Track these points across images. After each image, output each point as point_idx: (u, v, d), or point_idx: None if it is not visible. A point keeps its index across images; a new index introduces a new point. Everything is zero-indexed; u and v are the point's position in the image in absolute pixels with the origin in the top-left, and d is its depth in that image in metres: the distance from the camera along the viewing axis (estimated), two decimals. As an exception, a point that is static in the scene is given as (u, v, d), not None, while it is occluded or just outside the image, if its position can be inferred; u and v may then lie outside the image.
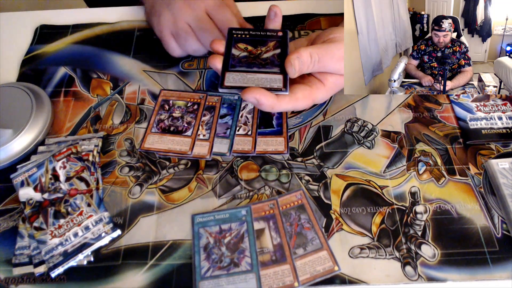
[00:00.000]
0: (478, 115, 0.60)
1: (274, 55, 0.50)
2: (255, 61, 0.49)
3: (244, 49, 0.50)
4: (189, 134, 0.58)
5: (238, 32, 0.52)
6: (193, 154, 0.56)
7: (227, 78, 0.47)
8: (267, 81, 0.47)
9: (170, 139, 0.58)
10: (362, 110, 0.61)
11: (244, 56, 0.49)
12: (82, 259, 0.49)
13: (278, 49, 0.51)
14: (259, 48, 0.50)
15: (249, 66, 0.48)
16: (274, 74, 0.48)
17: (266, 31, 0.52)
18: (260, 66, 0.48)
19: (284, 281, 0.46)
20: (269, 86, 0.47)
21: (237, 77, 0.47)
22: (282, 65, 0.49)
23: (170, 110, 0.61)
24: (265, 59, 0.49)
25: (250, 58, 0.49)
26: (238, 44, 0.51)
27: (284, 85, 0.47)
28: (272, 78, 0.47)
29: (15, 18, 0.75)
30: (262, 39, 0.51)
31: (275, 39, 0.51)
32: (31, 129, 0.57)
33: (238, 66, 0.48)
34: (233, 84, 0.47)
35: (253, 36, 0.51)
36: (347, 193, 0.53)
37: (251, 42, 0.51)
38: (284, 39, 0.51)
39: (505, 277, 0.47)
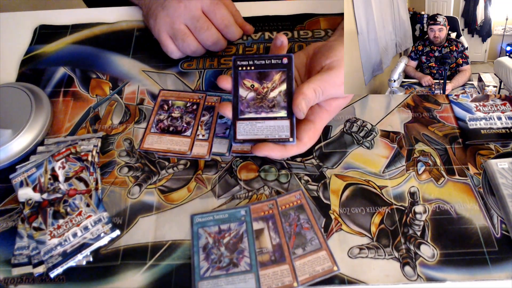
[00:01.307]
0: (478, 115, 0.59)
1: (280, 93, 0.51)
2: (262, 104, 0.51)
3: (250, 87, 0.52)
4: (188, 134, 0.58)
5: (242, 63, 0.53)
6: (192, 154, 0.56)
7: (239, 130, 0.50)
8: (275, 130, 0.50)
9: (169, 139, 0.58)
10: (361, 110, 0.61)
11: (251, 98, 0.51)
12: (81, 259, 0.49)
13: (283, 83, 0.52)
14: (265, 85, 0.52)
15: (257, 110, 0.51)
16: (282, 120, 0.50)
17: (271, 58, 0.52)
18: (267, 109, 0.51)
19: (283, 281, 0.46)
20: (277, 137, 0.50)
21: (247, 127, 0.51)
22: (288, 107, 0.51)
23: (169, 110, 0.61)
24: (271, 100, 0.51)
25: (258, 100, 0.51)
26: (244, 81, 0.52)
27: (291, 134, 0.50)
28: (280, 126, 0.50)
29: (14, 18, 0.75)
30: (267, 70, 0.52)
31: (281, 68, 0.52)
32: (30, 129, 0.57)
33: (247, 111, 0.51)
34: (245, 137, 0.50)
35: (257, 66, 0.52)
36: (346, 193, 0.53)
37: (256, 76, 0.52)
38: (289, 67, 0.52)
39: (504, 277, 0.47)
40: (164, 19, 0.63)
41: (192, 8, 0.62)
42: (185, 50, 0.64)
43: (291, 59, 0.52)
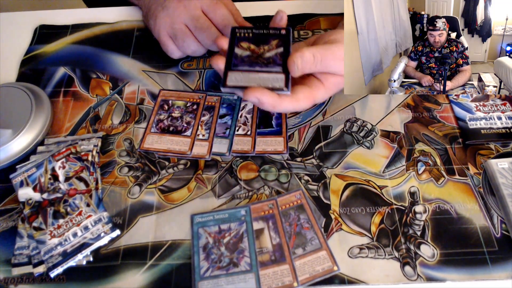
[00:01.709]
0: (478, 115, 0.59)
1: (277, 54, 0.50)
2: (257, 60, 0.49)
3: (247, 48, 0.50)
4: (188, 134, 0.58)
5: (241, 30, 0.52)
6: (192, 154, 0.56)
7: (230, 77, 0.47)
8: (269, 81, 0.47)
9: (170, 139, 0.58)
10: (361, 110, 0.61)
11: (246, 56, 0.49)
12: (81, 259, 0.49)
13: (280, 47, 0.50)
14: (261, 47, 0.50)
15: (252, 65, 0.48)
16: (277, 73, 0.48)
17: (269, 29, 0.51)
18: (262, 65, 0.48)
19: (283, 281, 0.46)
20: (271, 86, 0.46)
21: (239, 76, 0.47)
22: (284, 64, 0.49)
23: (169, 110, 0.61)
24: (267, 58, 0.49)
25: (253, 57, 0.49)
26: (241, 43, 0.50)
27: (286, 84, 0.47)
28: (274, 78, 0.47)
29: (15, 18, 0.75)
30: (265, 37, 0.51)
31: (278, 37, 0.51)
32: (31, 129, 0.57)
33: (241, 65, 0.48)
34: (236, 83, 0.47)
35: (256, 35, 0.51)
36: (346, 193, 0.53)
37: (254, 40, 0.51)
38: (287, 38, 0.50)
39: (504, 277, 0.47)
40: (164, 19, 0.63)
41: (192, 8, 0.62)
42: (185, 50, 0.63)
43: (289, 31, 0.51)
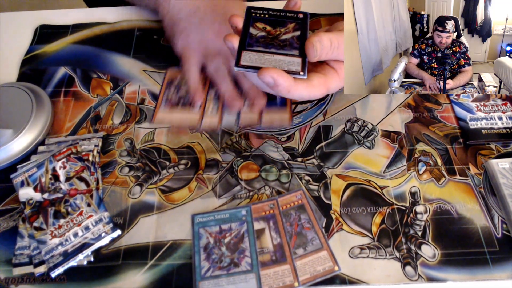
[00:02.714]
0: (478, 115, 0.59)
1: (294, 37, 0.47)
2: (273, 42, 0.46)
3: (262, 28, 0.47)
4: (197, 109, 0.60)
5: (257, 11, 0.49)
6: (202, 127, 0.58)
7: (244, 57, 0.44)
8: (285, 63, 0.44)
9: (179, 114, 0.60)
10: (362, 110, 0.61)
11: (262, 36, 0.47)
12: (82, 259, 0.49)
13: (297, 31, 0.48)
14: (278, 29, 0.47)
15: (267, 46, 0.46)
16: (293, 56, 0.45)
17: (286, 12, 0.49)
18: (278, 47, 0.46)
19: (284, 281, 0.46)
20: (286, 69, 0.44)
21: (254, 56, 0.45)
22: (301, 48, 0.46)
23: (177, 87, 0.63)
24: (283, 41, 0.46)
25: (268, 38, 0.47)
26: (256, 23, 0.48)
27: (303, 68, 0.44)
28: (291, 61, 0.45)
29: (15, 18, 0.75)
30: (282, 19, 0.48)
31: (295, 20, 0.48)
32: (31, 129, 0.57)
33: (256, 45, 0.46)
34: (250, 63, 0.44)
35: (272, 16, 0.48)
36: (347, 193, 0.53)
37: (270, 22, 0.48)
38: (304, 22, 0.48)
39: (505, 277, 0.47)
40: (199, 45, 0.60)
41: None
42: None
43: (306, 16, 0.49)
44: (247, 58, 0.44)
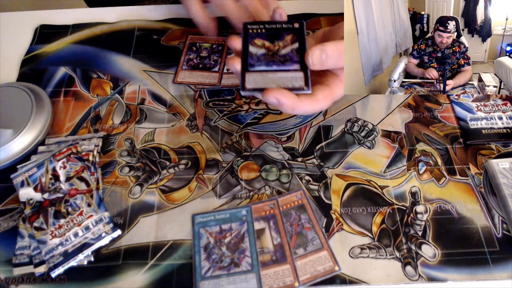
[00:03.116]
0: (479, 115, 0.60)
1: (293, 50, 0.48)
2: (273, 59, 0.47)
3: (261, 45, 0.48)
4: (216, 69, 0.66)
5: (253, 27, 0.50)
6: (222, 84, 0.64)
7: (248, 79, 0.45)
8: (289, 80, 0.45)
9: (200, 74, 0.66)
10: (362, 110, 0.61)
11: (262, 54, 0.47)
12: (83, 259, 0.49)
13: (295, 43, 0.48)
14: (276, 44, 0.48)
15: (268, 64, 0.46)
16: (295, 71, 0.46)
17: (282, 23, 0.50)
18: (279, 63, 0.46)
19: (284, 281, 0.46)
20: (291, 86, 0.45)
21: (257, 77, 0.46)
22: (301, 61, 0.47)
23: (197, 51, 0.69)
24: (283, 56, 0.47)
25: (269, 55, 0.47)
26: (254, 40, 0.49)
27: (306, 83, 0.45)
28: (293, 77, 0.45)
29: (15, 18, 0.75)
30: (278, 32, 0.49)
31: (292, 31, 0.49)
32: (31, 129, 0.57)
33: (257, 65, 0.46)
34: (255, 86, 0.45)
35: (269, 30, 0.49)
36: (347, 193, 0.53)
37: (267, 36, 0.49)
38: (301, 31, 0.49)
39: (505, 277, 0.47)
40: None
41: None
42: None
43: (302, 24, 0.49)
44: (251, 80, 0.45)
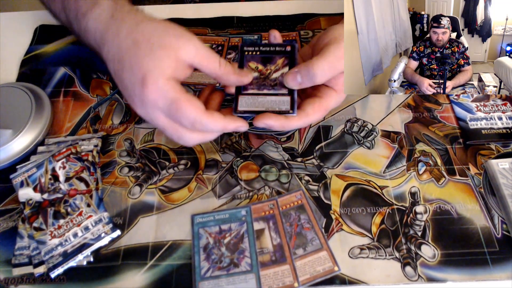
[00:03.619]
0: (478, 115, 0.59)
1: (283, 74, 0.51)
2: (265, 82, 0.51)
3: (255, 68, 0.52)
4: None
5: (249, 49, 0.53)
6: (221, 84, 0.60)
7: (240, 102, 0.49)
8: (276, 104, 0.49)
9: (199, 74, 0.65)
10: (362, 110, 0.61)
11: (255, 77, 0.51)
12: (82, 259, 0.49)
13: (286, 67, 0.52)
14: (268, 67, 0.52)
15: (260, 87, 0.50)
16: (283, 96, 0.50)
17: (276, 46, 0.53)
18: (269, 87, 0.50)
19: (284, 281, 0.46)
20: (277, 109, 0.49)
21: (249, 100, 0.49)
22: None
23: None
24: (274, 80, 0.51)
25: (261, 79, 0.51)
26: (249, 63, 0.52)
27: (292, 107, 0.49)
28: (281, 100, 0.49)
29: (15, 18, 0.75)
30: (271, 55, 0.53)
31: (284, 54, 0.52)
32: (31, 129, 0.57)
33: (250, 88, 0.50)
34: (246, 108, 0.49)
35: (263, 52, 0.53)
36: (347, 193, 0.53)
37: (261, 59, 0.52)
38: (292, 54, 0.52)
39: (505, 278, 0.47)
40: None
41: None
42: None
43: (294, 48, 0.53)
44: (244, 103, 0.49)
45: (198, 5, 0.77)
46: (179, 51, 0.44)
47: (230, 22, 0.74)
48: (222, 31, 0.72)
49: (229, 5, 0.77)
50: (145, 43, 0.44)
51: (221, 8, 0.76)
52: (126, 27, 0.46)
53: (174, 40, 0.45)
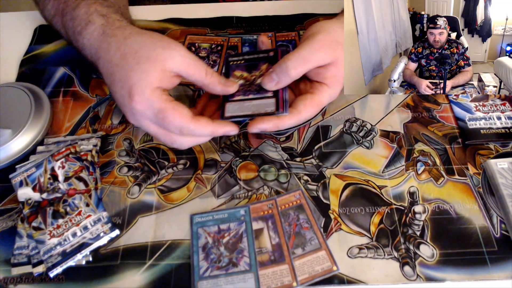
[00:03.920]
0: (477, 115, 0.59)
1: None
2: (250, 88, 0.51)
3: (240, 76, 0.53)
4: (215, 70, 0.64)
5: (234, 59, 0.55)
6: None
7: (227, 109, 0.50)
8: (262, 107, 0.49)
9: None
10: (361, 110, 0.61)
11: (241, 84, 0.52)
12: (81, 259, 0.49)
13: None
14: (253, 73, 0.53)
15: (245, 93, 0.51)
16: (268, 98, 0.50)
17: (259, 52, 0.55)
18: (255, 92, 0.51)
19: (282, 281, 0.46)
20: (264, 111, 0.49)
21: (235, 106, 0.50)
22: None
23: (196, 51, 0.69)
24: (259, 85, 0.51)
25: (246, 85, 0.52)
26: (234, 72, 0.53)
27: (277, 107, 0.49)
28: (266, 103, 0.49)
29: (15, 18, 0.75)
30: (255, 62, 0.54)
31: (267, 60, 0.53)
32: (30, 129, 0.57)
33: (236, 95, 0.51)
34: (233, 113, 0.49)
35: (247, 60, 0.54)
36: (345, 193, 0.53)
37: (246, 67, 0.54)
38: (274, 59, 0.53)
39: (503, 277, 0.47)
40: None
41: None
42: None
43: (276, 52, 0.54)
44: (230, 109, 0.50)
45: (198, 5, 0.77)
46: (165, 62, 0.46)
47: (230, 22, 0.74)
48: (221, 31, 0.72)
49: (228, 5, 0.77)
50: (132, 57, 0.46)
51: (220, 8, 0.76)
52: (115, 43, 0.49)
53: (160, 51, 0.46)
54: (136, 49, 0.47)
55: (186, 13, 0.75)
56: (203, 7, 0.76)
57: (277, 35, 0.71)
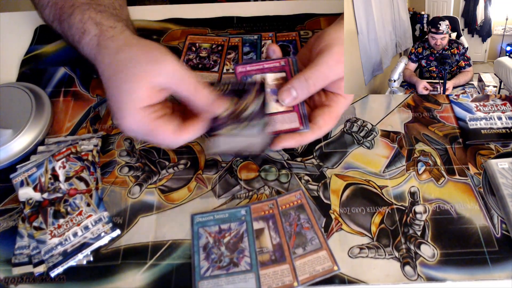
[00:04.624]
0: (478, 115, 0.59)
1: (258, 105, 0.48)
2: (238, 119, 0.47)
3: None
4: (216, 70, 0.66)
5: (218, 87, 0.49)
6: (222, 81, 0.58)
7: (214, 143, 0.48)
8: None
9: (199, 74, 0.65)
10: (361, 110, 0.61)
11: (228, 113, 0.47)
12: (82, 258, 0.49)
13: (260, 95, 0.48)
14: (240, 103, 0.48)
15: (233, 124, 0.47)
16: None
17: (244, 84, 0.49)
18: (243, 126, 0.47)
19: (283, 280, 0.46)
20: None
21: (224, 140, 0.48)
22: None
23: (197, 51, 0.69)
24: (247, 116, 0.47)
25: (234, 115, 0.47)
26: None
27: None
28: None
29: (15, 18, 0.75)
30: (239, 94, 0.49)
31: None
32: (31, 129, 0.57)
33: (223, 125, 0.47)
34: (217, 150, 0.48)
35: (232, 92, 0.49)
36: (346, 193, 0.53)
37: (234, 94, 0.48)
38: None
39: (504, 277, 0.47)
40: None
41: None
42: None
43: (262, 84, 0.49)
44: (216, 144, 0.47)
45: (198, 5, 0.78)
46: (153, 78, 0.45)
47: (230, 22, 0.74)
48: (222, 31, 0.72)
49: (229, 5, 0.77)
50: (120, 75, 0.46)
51: (221, 8, 0.76)
52: (107, 56, 0.49)
53: (149, 67, 0.45)
54: (125, 64, 0.46)
55: (186, 13, 0.75)
56: (203, 7, 0.76)
57: (278, 35, 0.71)
